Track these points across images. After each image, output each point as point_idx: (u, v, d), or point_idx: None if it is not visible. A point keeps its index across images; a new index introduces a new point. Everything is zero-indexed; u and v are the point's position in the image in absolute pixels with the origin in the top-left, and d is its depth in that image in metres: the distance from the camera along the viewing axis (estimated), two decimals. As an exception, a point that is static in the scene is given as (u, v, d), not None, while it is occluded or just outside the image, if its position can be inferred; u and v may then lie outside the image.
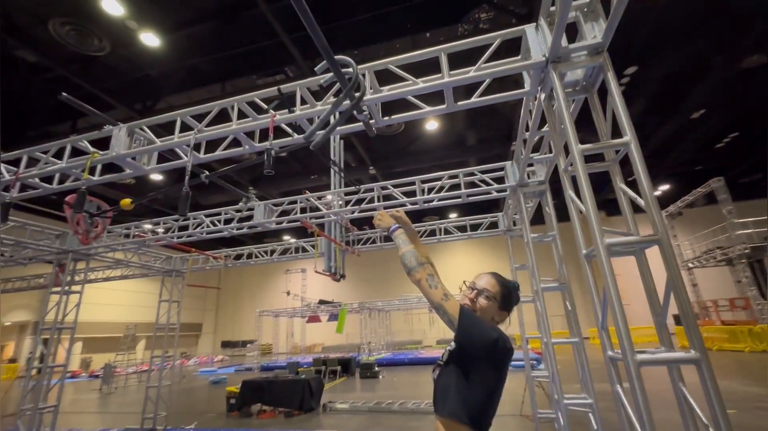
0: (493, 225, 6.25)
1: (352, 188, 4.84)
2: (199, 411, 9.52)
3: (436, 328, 26.82)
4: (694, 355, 1.65)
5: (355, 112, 2.44)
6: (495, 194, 4.53)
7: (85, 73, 11.36)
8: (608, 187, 20.97)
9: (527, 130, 3.41)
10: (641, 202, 1.96)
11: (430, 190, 4.69)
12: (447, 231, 6.49)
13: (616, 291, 1.81)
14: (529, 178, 4.12)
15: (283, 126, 2.98)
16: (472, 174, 4.51)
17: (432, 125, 15.83)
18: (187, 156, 3.13)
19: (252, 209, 5.13)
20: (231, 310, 36.75)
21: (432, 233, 6.59)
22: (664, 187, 22.19)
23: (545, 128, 3.13)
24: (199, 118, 3.03)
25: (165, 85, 12.52)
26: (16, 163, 3.61)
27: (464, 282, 1.73)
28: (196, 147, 3.16)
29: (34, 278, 8.92)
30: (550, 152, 3.57)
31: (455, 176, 4.58)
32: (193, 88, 12.91)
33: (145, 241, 5.49)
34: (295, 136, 2.98)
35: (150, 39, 10.58)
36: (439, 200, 4.68)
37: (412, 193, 4.70)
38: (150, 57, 11.11)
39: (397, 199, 4.70)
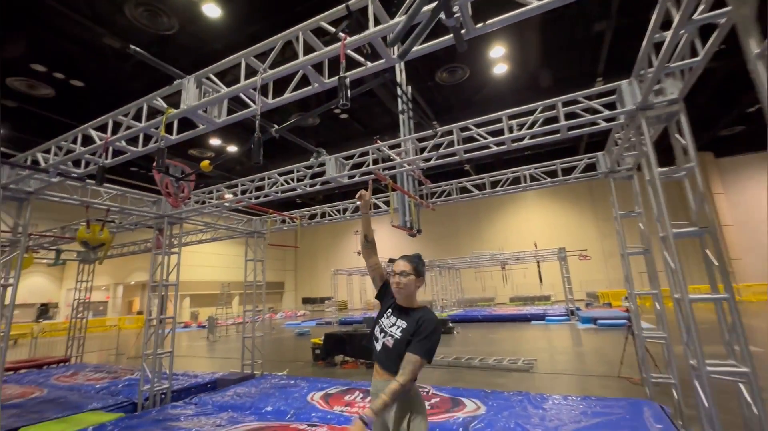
0: (589, 167, 5.35)
1: (428, 132, 4.33)
2: (289, 359, 10.32)
3: (510, 285, 25.96)
4: None
5: (443, 16, 1.92)
6: (603, 125, 3.69)
7: (162, 55, 11.88)
8: (721, 122, 17.21)
9: (663, 28, 2.58)
10: None
11: (518, 128, 4.00)
12: (533, 178, 5.73)
13: None
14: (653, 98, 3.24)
15: (354, 55, 2.55)
16: (574, 102, 3.70)
17: (501, 68, 14.26)
18: (255, 103, 2.88)
19: (323, 165, 4.93)
20: (308, 270, 39.38)
21: (516, 181, 5.87)
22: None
23: (698, 17, 2.27)
24: (263, 59, 2.73)
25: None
26: (106, 133, 3.71)
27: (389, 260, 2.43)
28: (264, 91, 2.89)
29: (143, 242, 10.03)
30: (693, 56, 2.69)
31: (551, 107, 3.81)
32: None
33: (227, 203, 5.67)
34: (369, 64, 2.54)
35: (212, 10, 10.60)
36: (531, 138, 3.98)
37: (498, 132, 4.06)
38: (214, 30, 11.23)
39: (479, 140, 4.11)
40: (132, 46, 2.68)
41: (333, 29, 2.36)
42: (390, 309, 2.08)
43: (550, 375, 7.09)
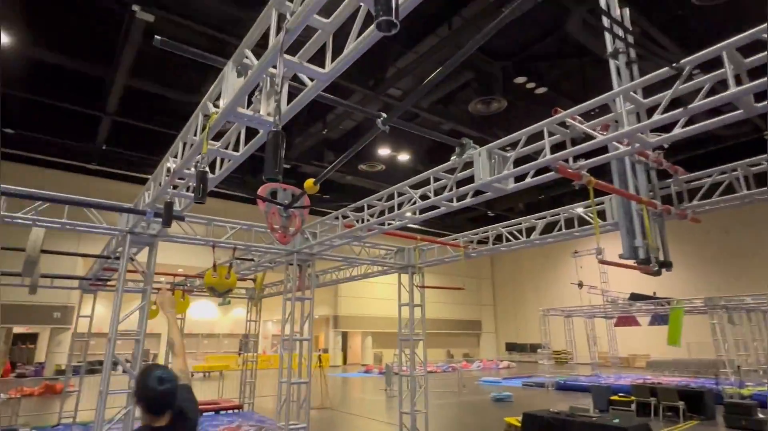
0: None
1: (662, 72, 2.64)
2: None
3: None
4: None
5: None
6: None
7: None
8: None
9: None
10: None
11: None
12: None
13: None
14: None
15: None
16: None
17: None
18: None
19: (470, 163, 3.87)
20: (510, 305, 37.48)
21: None
22: None
23: None
24: None
25: (388, 49, 13.19)
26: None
27: None
28: (321, 57, 2.19)
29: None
30: None
31: None
32: (419, 40, 13.12)
33: (353, 231, 5.33)
34: None
35: None
36: None
37: None
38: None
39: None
40: (157, 37, 2.48)
41: None
42: None
43: None
